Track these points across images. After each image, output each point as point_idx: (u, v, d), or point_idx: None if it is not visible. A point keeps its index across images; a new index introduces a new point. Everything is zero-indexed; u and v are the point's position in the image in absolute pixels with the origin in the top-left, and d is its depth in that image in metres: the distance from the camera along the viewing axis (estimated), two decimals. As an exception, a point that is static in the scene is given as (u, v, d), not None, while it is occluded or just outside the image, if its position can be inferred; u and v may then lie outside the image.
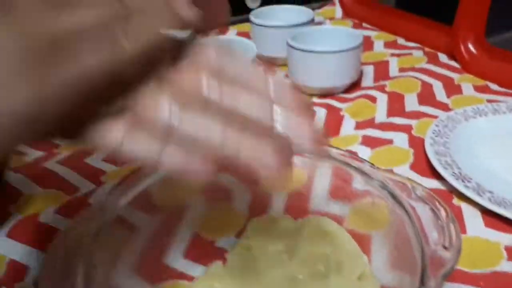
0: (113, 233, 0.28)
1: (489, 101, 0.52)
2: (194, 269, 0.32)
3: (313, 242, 0.30)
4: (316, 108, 0.52)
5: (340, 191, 0.33)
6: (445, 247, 0.23)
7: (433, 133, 0.44)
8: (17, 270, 0.32)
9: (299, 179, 0.35)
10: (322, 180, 0.34)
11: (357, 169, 0.30)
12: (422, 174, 0.40)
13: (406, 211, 0.26)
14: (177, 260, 0.32)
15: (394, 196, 0.27)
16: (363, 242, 0.31)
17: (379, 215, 0.29)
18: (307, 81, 0.56)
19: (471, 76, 0.58)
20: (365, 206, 0.31)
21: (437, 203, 0.25)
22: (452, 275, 0.29)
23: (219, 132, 0.19)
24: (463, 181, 0.37)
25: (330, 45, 0.55)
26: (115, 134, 0.19)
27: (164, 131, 0.19)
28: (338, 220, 0.33)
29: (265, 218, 0.33)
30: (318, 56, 0.53)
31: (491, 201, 0.35)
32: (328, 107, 0.53)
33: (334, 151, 0.32)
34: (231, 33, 0.75)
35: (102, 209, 0.28)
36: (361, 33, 0.57)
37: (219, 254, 0.32)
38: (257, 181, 0.37)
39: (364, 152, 0.44)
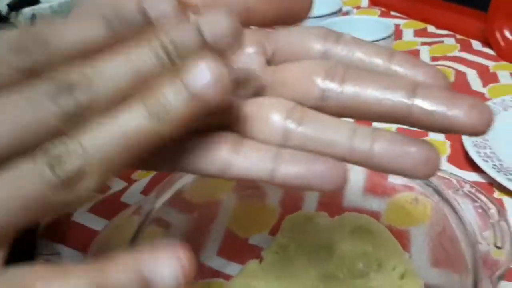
0: (150, 233, 0.28)
1: (528, 89, 0.49)
2: (229, 267, 0.31)
3: (352, 240, 0.29)
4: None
5: (377, 186, 0.32)
6: (497, 247, 0.22)
7: (471, 124, 0.42)
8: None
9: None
10: (356, 175, 0.33)
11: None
12: (460, 167, 0.39)
13: (453, 208, 0.24)
14: (211, 258, 0.32)
15: (439, 193, 0.26)
16: (402, 238, 0.30)
17: (421, 211, 0.28)
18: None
19: (508, 63, 0.56)
20: (405, 202, 0.30)
21: (486, 200, 0.24)
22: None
23: (346, 130, 0.16)
24: (505, 174, 0.36)
25: (360, 35, 0.53)
26: (218, 155, 0.17)
27: (278, 138, 0.17)
28: (374, 215, 0.32)
29: (300, 215, 0.33)
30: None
31: (537, 195, 0.33)
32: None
33: None
34: (255, 26, 0.73)
35: (138, 210, 0.28)
36: (390, 21, 0.55)
37: (253, 251, 0.32)
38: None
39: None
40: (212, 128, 0.18)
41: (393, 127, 0.41)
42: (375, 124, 0.19)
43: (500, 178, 0.35)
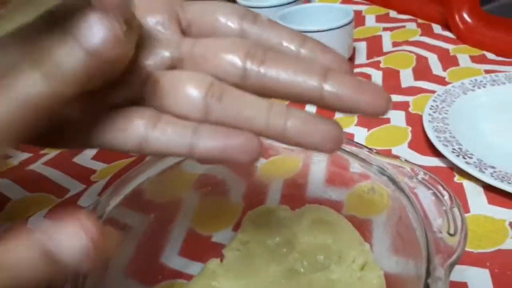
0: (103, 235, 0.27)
1: (486, 71, 0.50)
2: (191, 267, 0.31)
3: (312, 233, 0.29)
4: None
5: (337, 177, 0.32)
6: (450, 234, 0.22)
7: (431, 109, 0.43)
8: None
9: (294, 167, 0.34)
10: (318, 167, 0.33)
11: (353, 155, 0.28)
12: (421, 152, 0.39)
13: (407, 197, 0.24)
14: (173, 259, 0.31)
15: (394, 182, 0.25)
16: (363, 228, 0.30)
17: (379, 201, 0.28)
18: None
19: (467, 46, 0.57)
20: (363, 192, 0.29)
21: (440, 187, 0.24)
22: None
23: (264, 108, 0.17)
24: (464, 157, 0.36)
25: (320, 23, 0.53)
26: (135, 130, 0.17)
27: (197, 114, 0.17)
28: (336, 206, 0.31)
29: (262, 210, 0.32)
30: (312, 36, 0.51)
31: (493, 177, 0.33)
32: (322, 88, 0.51)
33: None
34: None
35: (92, 212, 0.27)
36: (351, 8, 0.54)
37: (216, 249, 0.31)
38: (251, 171, 0.36)
39: (361, 133, 0.42)
40: (128, 103, 0.18)
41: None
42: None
43: (459, 162, 0.35)
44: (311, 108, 0.19)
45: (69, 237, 0.13)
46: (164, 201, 0.32)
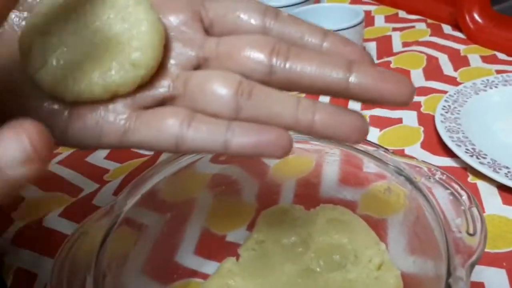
0: (121, 235, 0.27)
1: (497, 71, 0.50)
2: (207, 266, 0.31)
3: (327, 232, 0.29)
4: (319, 90, 0.51)
5: (351, 177, 0.32)
6: (469, 234, 0.22)
7: (443, 109, 0.43)
8: (25, 278, 0.31)
9: (307, 166, 0.34)
10: (331, 167, 0.33)
11: (369, 155, 0.28)
12: (434, 152, 0.39)
13: (425, 197, 0.24)
14: (188, 258, 0.31)
15: (411, 182, 0.26)
16: (379, 228, 0.30)
17: (396, 200, 0.28)
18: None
19: (478, 46, 0.56)
20: (379, 192, 0.30)
21: (458, 187, 0.24)
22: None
23: (292, 103, 0.17)
24: (477, 157, 0.36)
25: (331, 23, 0.53)
26: (170, 129, 0.17)
27: (229, 112, 0.18)
28: (351, 206, 0.31)
29: (276, 209, 0.32)
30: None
31: (508, 177, 0.33)
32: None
33: None
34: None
35: (109, 213, 0.27)
36: (361, 8, 0.54)
37: (231, 248, 0.31)
38: (264, 171, 0.36)
39: (373, 133, 0.42)
40: (159, 105, 0.18)
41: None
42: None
43: (473, 162, 0.35)
44: (325, 99, 0.20)
45: (9, 142, 0.12)
46: (179, 201, 0.32)
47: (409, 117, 0.44)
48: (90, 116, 0.18)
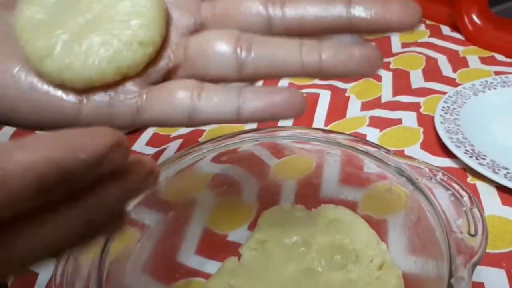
0: (123, 235, 0.27)
1: (496, 73, 0.50)
2: (208, 266, 0.31)
3: (329, 232, 0.29)
4: (320, 90, 0.51)
5: (352, 177, 0.32)
6: (471, 234, 0.22)
7: (442, 110, 0.43)
8: (26, 278, 0.31)
9: (308, 167, 0.34)
10: (332, 167, 0.33)
11: (370, 155, 0.28)
12: (433, 153, 0.39)
13: (427, 197, 0.25)
14: (190, 258, 0.31)
15: (413, 182, 0.26)
16: (379, 228, 0.30)
17: (397, 201, 0.28)
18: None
19: (477, 47, 0.57)
20: (380, 192, 0.30)
21: (459, 188, 0.24)
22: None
23: (295, 46, 0.17)
24: (477, 158, 0.36)
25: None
26: (182, 102, 0.17)
27: (233, 70, 0.17)
28: (352, 206, 0.32)
29: (277, 210, 0.32)
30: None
31: (507, 178, 0.34)
32: (333, 89, 0.51)
33: (341, 137, 0.30)
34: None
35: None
36: (361, 9, 0.55)
37: (232, 248, 0.32)
38: (265, 171, 0.36)
39: (373, 134, 0.42)
40: (165, 78, 0.18)
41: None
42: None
43: (472, 163, 0.36)
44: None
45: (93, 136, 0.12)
46: (181, 201, 0.32)
47: (409, 118, 0.44)
48: (101, 99, 0.18)
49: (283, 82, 0.54)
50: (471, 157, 0.36)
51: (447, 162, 0.38)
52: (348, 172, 0.32)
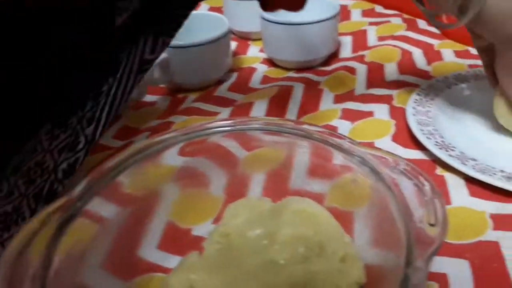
0: (78, 229, 0.26)
1: (470, 66, 0.50)
2: (170, 261, 0.30)
3: (293, 225, 0.28)
4: (294, 83, 0.50)
5: (320, 169, 0.31)
6: (431, 224, 0.21)
7: (415, 102, 0.43)
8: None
9: (277, 159, 0.33)
10: (301, 159, 0.32)
11: (336, 146, 0.28)
12: (404, 145, 0.39)
13: (389, 187, 0.24)
14: (151, 252, 0.30)
15: (375, 172, 0.25)
16: (345, 220, 0.29)
17: (361, 192, 0.28)
18: (283, 55, 0.53)
19: (452, 41, 0.57)
20: (345, 184, 0.29)
21: (421, 178, 0.24)
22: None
23: None
24: (446, 150, 0.36)
25: (306, 16, 0.52)
26: None
27: None
28: (319, 198, 0.31)
29: (243, 202, 0.32)
30: (293, 29, 0.51)
31: (475, 169, 0.33)
32: (307, 81, 0.50)
33: (311, 129, 0.30)
34: (203, 8, 0.71)
35: (65, 205, 0.26)
36: (337, 2, 0.54)
37: (196, 242, 0.31)
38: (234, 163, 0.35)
39: (345, 127, 0.42)
40: None
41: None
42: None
43: (441, 155, 0.35)
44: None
45: None
46: (143, 194, 0.31)
47: (381, 110, 0.43)
48: None
49: (258, 75, 0.53)
50: (440, 148, 0.36)
51: (418, 154, 0.38)
52: (316, 164, 0.31)
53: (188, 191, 0.33)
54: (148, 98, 0.50)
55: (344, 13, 0.67)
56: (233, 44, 0.62)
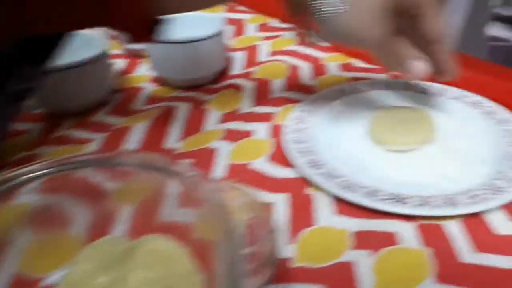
0: None
1: (354, 79, 0.52)
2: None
3: (144, 267, 0.27)
4: (179, 103, 0.49)
5: (187, 201, 0.30)
6: (260, 263, 0.21)
7: (294, 119, 0.43)
8: None
9: (148, 190, 0.32)
10: (172, 190, 0.31)
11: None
12: (280, 164, 0.39)
13: (228, 221, 0.23)
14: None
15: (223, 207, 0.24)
16: (205, 253, 0.28)
17: (215, 223, 0.27)
18: (170, 73, 0.52)
19: (339, 54, 0.58)
20: (208, 216, 0.28)
21: (260, 214, 0.23)
22: (296, 274, 0.27)
23: None
24: (316, 168, 0.36)
25: (192, 33, 0.51)
26: None
27: None
28: (186, 230, 0.30)
29: (98, 243, 0.29)
30: (178, 47, 0.49)
31: (339, 186, 0.34)
32: (193, 101, 0.49)
33: (175, 166, 0.28)
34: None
35: None
36: (223, 17, 0.54)
37: (49, 292, 0.28)
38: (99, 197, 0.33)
39: (225, 148, 0.41)
40: None
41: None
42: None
43: (309, 173, 0.36)
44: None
45: None
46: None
47: (261, 130, 0.43)
48: None
49: (143, 95, 0.51)
50: (311, 166, 0.36)
51: (290, 173, 0.38)
52: (186, 194, 0.30)
53: (43, 234, 0.30)
54: (20, 126, 0.46)
55: (239, 27, 0.67)
56: (123, 63, 0.59)
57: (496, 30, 0.63)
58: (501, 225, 0.31)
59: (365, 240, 0.31)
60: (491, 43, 0.63)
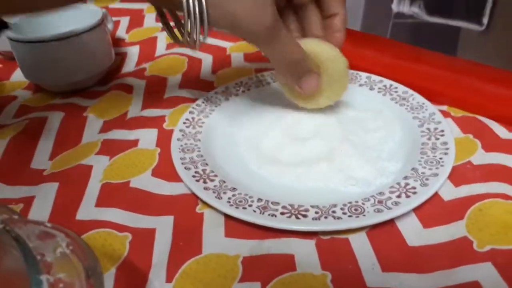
0: None
1: (257, 70, 0.47)
2: None
3: None
4: (53, 113, 0.41)
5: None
6: None
7: (185, 123, 0.37)
8: None
9: None
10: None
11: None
12: (167, 178, 0.33)
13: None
14: None
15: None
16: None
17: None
18: (41, 78, 0.44)
19: (245, 43, 0.53)
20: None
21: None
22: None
23: None
24: (205, 181, 0.31)
25: (61, 29, 0.43)
26: None
27: None
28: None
29: None
30: (45, 46, 0.41)
31: (229, 203, 0.29)
32: (70, 108, 0.42)
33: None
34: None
35: None
36: (99, 8, 0.46)
37: None
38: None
39: (101, 164, 0.34)
40: None
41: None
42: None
43: (196, 188, 0.30)
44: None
45: None
46: None
47: (148, 137, 0.37)
48: None
49: (14, 106, 0.43)
50: (198, 180, 0.31)
51: (180, 189, 0.32)
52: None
53: None
54: None
55: (137, 18, 0.60)
56: (-7, 68, 0.50)
57: (400, 6, 0.60)
58: (413, 234, 0.27)
59: (256, 268, 0.25)
60: (396, 20, 0.61)
